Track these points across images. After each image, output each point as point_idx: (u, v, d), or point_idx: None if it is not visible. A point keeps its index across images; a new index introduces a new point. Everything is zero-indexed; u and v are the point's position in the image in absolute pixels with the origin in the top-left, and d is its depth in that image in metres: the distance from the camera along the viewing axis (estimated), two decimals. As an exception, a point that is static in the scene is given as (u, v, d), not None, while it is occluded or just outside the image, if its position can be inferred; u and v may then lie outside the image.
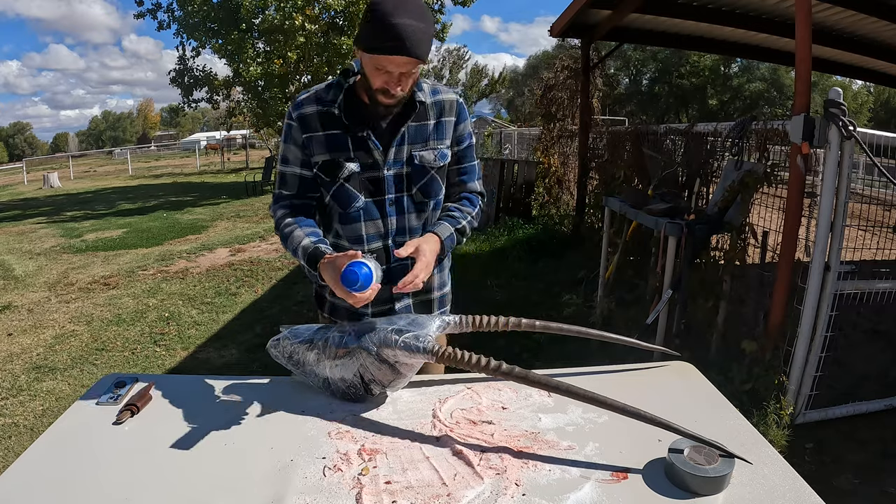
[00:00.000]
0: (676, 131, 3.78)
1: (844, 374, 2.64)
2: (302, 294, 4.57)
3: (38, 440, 1.00)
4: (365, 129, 1.20)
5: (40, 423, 2.65)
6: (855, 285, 2.31)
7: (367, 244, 1.26)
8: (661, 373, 1.30)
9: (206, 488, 0.87)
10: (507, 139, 13.90)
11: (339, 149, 1.21)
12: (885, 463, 2.15)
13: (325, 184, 1.24)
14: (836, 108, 2.12)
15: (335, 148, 1.21)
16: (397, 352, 1.02)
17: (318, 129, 1.21)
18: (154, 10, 11.05)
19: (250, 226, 8.06)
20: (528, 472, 0.90)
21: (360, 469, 0.91)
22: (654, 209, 2.92)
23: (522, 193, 6.62)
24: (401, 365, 1.05)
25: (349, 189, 1.23)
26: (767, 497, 0.84)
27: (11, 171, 24.52)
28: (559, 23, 4.83)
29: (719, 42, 5.16)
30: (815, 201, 2.37)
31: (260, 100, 11.06)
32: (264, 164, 13.38)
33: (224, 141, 26.15)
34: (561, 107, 5.84)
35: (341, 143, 1.21)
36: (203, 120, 52.18)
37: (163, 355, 3.46)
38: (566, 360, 2.98)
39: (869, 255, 2.80)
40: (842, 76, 6.45)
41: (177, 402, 1.12)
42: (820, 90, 14.17)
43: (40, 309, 4.44)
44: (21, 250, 6.91)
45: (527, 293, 4.29)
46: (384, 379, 1.07)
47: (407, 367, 1.06)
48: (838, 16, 3.99)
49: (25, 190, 16.29)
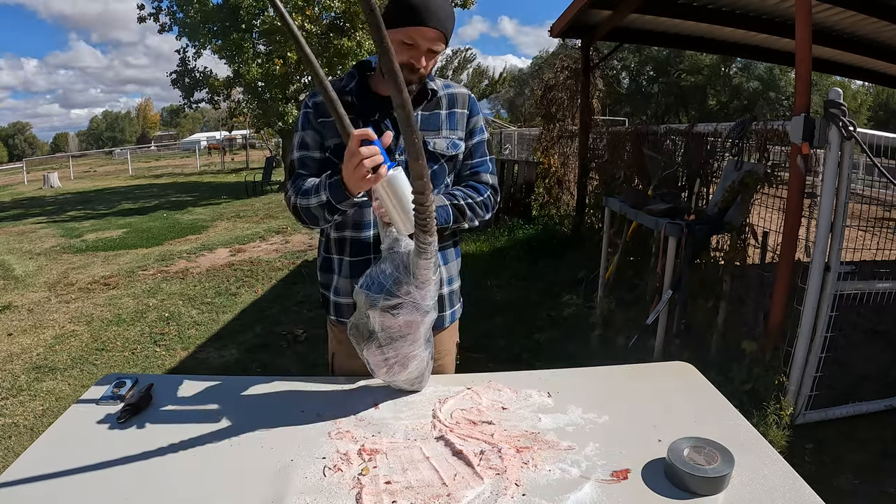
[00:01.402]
0: (676, 132, 3.78)
1: (844, 375, 2.64)
2: (302, 294, 4.57)
3: (38, 440, 1.00)
4: (378, 113, 1.23)
5: (40, 423, 2.65)
6: (855, 286, 2.31)
7: (372, 229, 1.26)
8: (661, 373, 1.30)
9: (207, 488, 0.87)
10: (507, 139, 13.91)
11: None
12: (885, 463, 2.15)
13: (336, 168, 1.24)
14: (836, 108, 2.12)
15: None
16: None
17: (331, 115, 1.22)
18: (156, 13, 11.06)
19: (250, 226, 8.06)
20: (528, 472, 0.90)
21: (360, 469, 0.91)
22: (654, 209, 2.92)
23: (522, 194, 6.63)
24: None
25: None
26: (767, 497, 0.84)
27: (11, 171, 24.50)
28: (559, 23, 4.83)
29: (719, 42, 5.16)
30: (815, 201, 2.37)
31: (260, 100, 11.06)
32: (264, 164, 13.38)
33: (225, 141, 26.15)
34: (561, 107, 5.85)
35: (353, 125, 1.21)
36: (203, 120, 52.20)
37: (163, 355, 3.46)
38: (566, 360, 2.99)
39: (869, 255, 2.80)
40: (842, 76, 6.45)
41: (177, 402, 1.12)
42: (820, 90, 14.17)
43: (40, 309, 4.44)
44: (21, 250, 6.91)
45: (527, 293, 4.29)
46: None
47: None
48: (838, 16, 3.99)
49: (25, 190, 16.28)
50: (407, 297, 1.00)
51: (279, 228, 7.69)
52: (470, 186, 1.31)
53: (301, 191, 1.17)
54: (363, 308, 1.03)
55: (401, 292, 1.00)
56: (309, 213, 1.15)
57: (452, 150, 1.28)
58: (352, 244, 1.28)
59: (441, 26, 1.13)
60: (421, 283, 1.00)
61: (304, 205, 1.15)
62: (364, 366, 1.30)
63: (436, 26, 1.13)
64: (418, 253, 0.98)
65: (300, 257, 5.89)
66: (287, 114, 10.59)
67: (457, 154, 1.29)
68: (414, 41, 1.13)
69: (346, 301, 1.29)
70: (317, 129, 1.25)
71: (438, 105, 1.28)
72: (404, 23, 1.13)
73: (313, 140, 1.26)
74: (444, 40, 1.17)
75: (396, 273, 1.01)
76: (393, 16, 1.15)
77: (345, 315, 1.31)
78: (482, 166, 1.34)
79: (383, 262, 1.04)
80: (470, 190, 1.30)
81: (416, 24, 1.12)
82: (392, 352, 1.05)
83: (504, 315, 3.70)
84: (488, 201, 1.32)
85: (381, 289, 1.00)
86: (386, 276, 1.01)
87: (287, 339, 3.62)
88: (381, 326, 1.03)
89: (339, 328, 1.34)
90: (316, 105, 1.25)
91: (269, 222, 8.29)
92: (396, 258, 1.02)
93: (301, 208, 1.16)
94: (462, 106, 1.30)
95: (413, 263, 0.99)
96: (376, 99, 1.25)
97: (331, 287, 1.33)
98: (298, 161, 1.26)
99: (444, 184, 1.30)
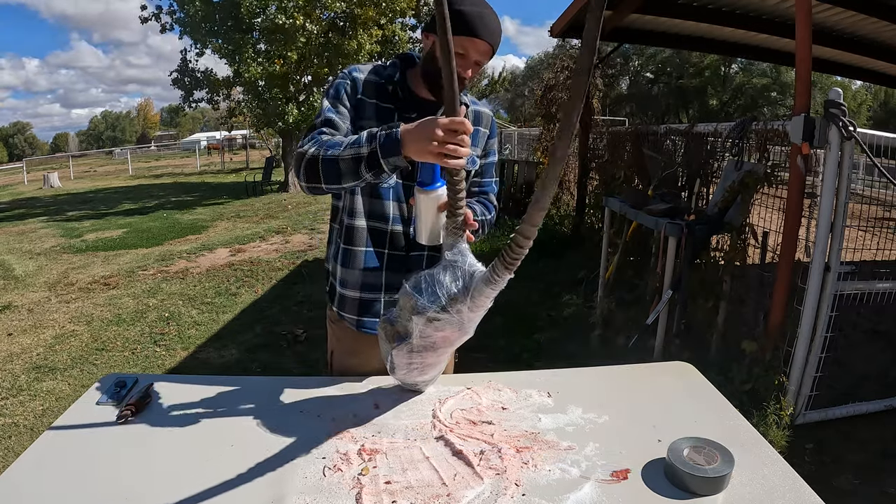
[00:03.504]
0: (677, 132, 3.78)
1: (844, 375, 2.64)
2: (302, 294, 4.57)
3: (38, 440, 1.00)
4: (415, 111, 1.21)
5: (40, 423, 2.65)
6: (855, 286, 2.31)
7: (391, 224, 1.25)
8: (661, 373, 1.30)
9: (206, 488, 0.87)
10: (508, 139, 13.91)
11: (387, 121, 1.18)
12: (885, 463, 2.15)
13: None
14: (836, 108, 2.12)
15: (383, 120, 1.20)
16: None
17: (371, 96, 1.21)
18: (157, 13, 11.06)
19: (250, 226, 8.06)
20: (528, 472, 0.90)
21: (360, 469, 0.91)
22: (654, 209, 2.92)
23: (522, 194, 6.63)
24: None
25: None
26: (767, 497, 0.84)
27: (11, 170, 24.50)
28: (559, 23, 4.83)
29: (719, 42, 5.15)
30: (815, 202, 2.37)
31: (260, 100, 11.06)
32: (264, 164, 13.39)
33: (225, 141, 26.14)
34: (561, 107, 5.85)
35: (389, 117, 1.21)
36: (203, 120, 52.20)
37: (163, 355, 3.46)
38: (567, 360, 2.99)
39: (869, 255, 2.80)
40: (842, 76, 6.45)
41: (177, 402, 1.12)
42: (820, 90, 14.16)
43: (40, 309, 4.44)
44: (21, 250, 6.91)
45: (527, 293, 4.29)
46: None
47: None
48: (838, 16, 3.98)
49: (25, 190, 16.28)
50: (457, 315, 0.96)
51: (279, 228, 7.69)
52: (482, 203, 1.33)
53: (329, 143, 1.07)
54: (406, 310, 1.00)
55: (453, 310, 0.96)
56: (332, 164, 1.04)
57: (471, 165, 1.28)
58: (370, 234, 1.25)
59: (492, 39, 1.14)
60: (476, 307, 0.96)
61: (330, 155, 1.04)
62: (362, 365, 1.30)
63: (487, 39, 1.13)
64: (487, 282, 0.93)
65: (300, 257, 5.89)
66: (287, 113, 10.59)
67: (472, 171, 1.31)
68: (466, 51, 1.13)
69: (351, 294, 1.28)
70: (353, 103, 1.20)
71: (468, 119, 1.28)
72: (457, 32, 1.10)
73: (345, 110, 1.19)
74: (492, 54, 1.17)
75: (454, 290, 0.96)
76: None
77: (346, 309, 1.30)
78: (489, 186, 1.37)
79: (443, 271, 0.98)
80: (483, 207, 1.32)
81: (470, 34, 1.11)
82: (419, 359, 1.04)
83: (504, 315, 3.70)
84: (493, 220, 1.36)
85: (434, 299, 0.96)
86: (443, 287, 0.97)
87: (287, 339, 3.62)
88: (420, 334, 1.00)
89: (339, 325, 1.34)
90: (356, 80, 1.20)
91: (269, 222, 8.29)
92: (458, 272, 0.98)
93: (323, 159, 1.05)
94: (485, 126, 1.33)
95: (476, 288, 0.95)
96: (416, 99, 1.24)
97: (338, 276, 1.31)
98: (325, 121, 1.16)
99: None
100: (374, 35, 10.53)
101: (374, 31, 10.54)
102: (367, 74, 1.22)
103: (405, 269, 1.24)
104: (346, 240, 1.27)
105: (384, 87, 1.22)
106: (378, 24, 10.54)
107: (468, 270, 0.98)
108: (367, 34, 10.44)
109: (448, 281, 0.97)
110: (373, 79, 1.22)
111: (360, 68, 1.23)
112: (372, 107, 1.21)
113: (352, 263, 1.27)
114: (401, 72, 1.23)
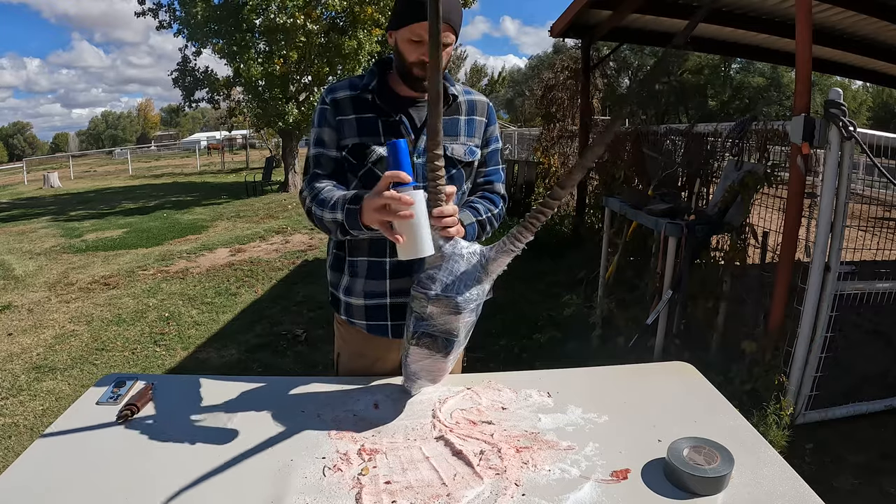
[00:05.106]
0: (676, 132, 3.78)
1: (844, 375, 2.64)
2: (302, 294, 4.57)
3: (38, 440, 1.00)
4: (398, 114, 1.21)
5: (40, 423, 2.65)
6: (855, 286, 2.31)
7: None
8: (660, 373, 1.30)
9: (206, 488, 0.87)
10: (508, 139, 13.90)
11: (370, 132, 1.21)
12: (885, 463, 2.15)
13: (353, 168, 1.22)
14: (836, 108, 2.12)
15: (366, 132, 1.20)
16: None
17: (349, 113, 1.21)
18: (156, 9, 11.02)
19: (250, 226, 8.06)
20: (528, 472, 0.91)
21: (360, 469, 0.91)
22: (654, 209, 2.92)
23: (522, 193, 6.63)
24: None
25: (377, 173, 1.20)
26: (767, 497, 0.84)
27: (11, 170, 24.50)
28: (559, 23, 4.83)
29: (719, 42, 5.15)
30: (815, 202, 2.37)
31: (260, 100, 11.05)
32: (264, 164, 13.38)
33: (225, 141, 26.13)
34: (561, 107, 5.85)
35: (372, 126, 1.21)
36: (203, 120, 52.19)
37: (163, 355, 3.46)
38: (566, 360, 2.99)
39: (869, 255, 2.80)
40: (842, 76, 6.44)
41: (177, 402, 1.12)
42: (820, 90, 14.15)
43: (40, 309, 4.44)
44: (21, 250, 6.91)
45: (527, 293, 4.29)
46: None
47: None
48: (838, 16, 3.98)
49: (25, 190, 16.28)
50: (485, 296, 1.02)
51: (279, 228, 7.69)
52: (487, 198, 1.32)
53: (318, 199, 1.15)
54: (445, 313, 0.98)
55: (483, 292, 1.01)
56: (322, 223, 1.14)
57: (470, 156, 1.27)
58: (370, 244, 1.24)
59: (447, 19, 1.12)
60: (491, 279, 1.01)
61: (318, 215, 1.14)
62: (369, 367, 1.30)
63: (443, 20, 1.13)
64: (505, 251, 0.97)
65: (300, 257, 5.89)
66: (287, 113, 10.58)
67: (473, 161, 1.29)
68: (421, 37, 1.13)
69: (357, 302, 1.27)
70: (334, 126, 1.22)
71: (458, 110, 1.27)
72: (409, 20, 1.13)
73: (330, 138, 1.23)
74: (452, 31, 1.16)
75: (477, 272, 0.99)
76: (398, 16, 1.15)
77: (354, 315, 1.29)
78: (495, 175, 1.36)
79: (453, 261, 1.00)
80: (488, 202, 1.30)
81: (421, 19, 1.10)
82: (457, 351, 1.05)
83: (504, 315, 3.70)
84: (502, 212, 1.34)
85: (465, 290, 0.98)
86: (467, 275, 0.99)
87: (287, 339, 3.62)
88: (466, 328, 1.02)
89: (347, 328, 1.33)
90: (335, 102, 1.22)
91: (269, 222, 8.29)
92: (465, 258, 1.00)
93: (315, 217, 1.15)
94: (481, 114, 1.31)
95: (493, 260, 0.98)
96: (396, 98, 1.23)
97: (340, 286, 1.30)
98: (314, 159, 1.23)
99: (463, 190, 1.29)
100: (374, 34, 10.53)
101: (374, 30, 10.53)
102: (343, 92, 1.22)
103: (409, 273, 1.22)
104: (348, 251, 1.27)
105: (362, 99, 1.22)
106: (378, 24, 10.53)
107: (471, 251, 1.01)
108: (367, 34, 10.43)
109: (464, 268, 1.00)
110: (349, 94, 1.22)
111: (336, 87, 1.24)
112: (352, 123, 1.21)
113: (355, 273, 1.27)
114: (379, 76, 1.23)
